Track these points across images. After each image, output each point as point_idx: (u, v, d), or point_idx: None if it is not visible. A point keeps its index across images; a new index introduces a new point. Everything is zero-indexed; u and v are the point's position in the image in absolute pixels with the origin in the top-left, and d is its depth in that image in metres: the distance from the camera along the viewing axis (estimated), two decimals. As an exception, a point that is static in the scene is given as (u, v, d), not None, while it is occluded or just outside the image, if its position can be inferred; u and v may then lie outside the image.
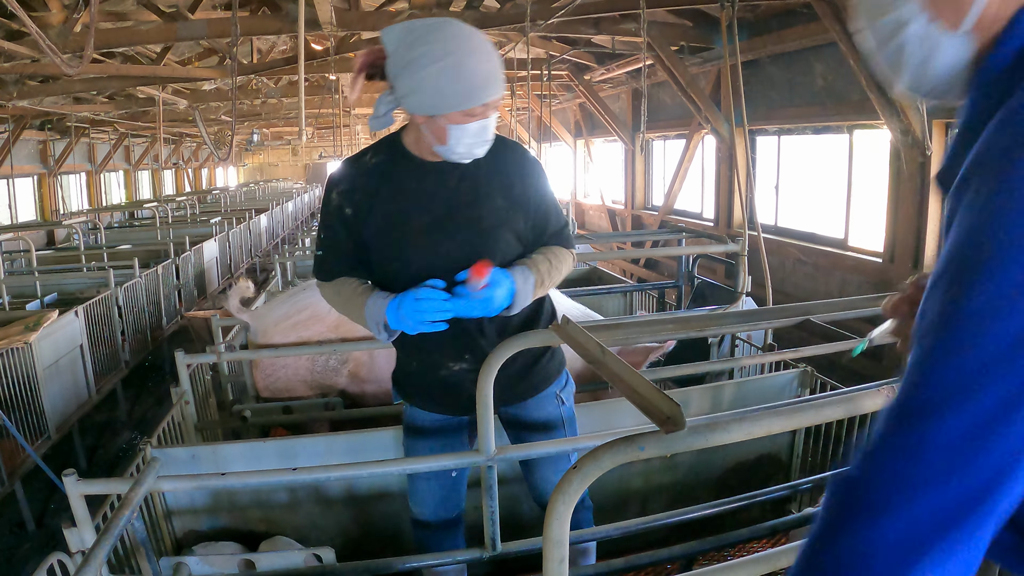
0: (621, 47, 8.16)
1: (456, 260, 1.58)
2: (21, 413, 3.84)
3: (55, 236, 11.52)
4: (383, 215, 1.62)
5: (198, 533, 2.29)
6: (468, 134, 1.51)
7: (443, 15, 5.91)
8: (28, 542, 3.63)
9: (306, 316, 3.15)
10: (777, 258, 6.69)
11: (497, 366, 1.56)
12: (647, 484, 2.58)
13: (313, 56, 7.15)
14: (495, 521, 1.81)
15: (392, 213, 1.62)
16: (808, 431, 2.72)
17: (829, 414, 1.21)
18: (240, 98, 9.44)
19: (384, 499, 2.35)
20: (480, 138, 1.54)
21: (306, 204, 18.38)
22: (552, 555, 0.97)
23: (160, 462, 1.66)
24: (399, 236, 1.62)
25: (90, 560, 1.32)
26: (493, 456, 1.73)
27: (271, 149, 25.10)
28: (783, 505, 2.66)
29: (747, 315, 2.01)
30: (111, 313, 5.28)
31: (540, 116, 9.90)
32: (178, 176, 20.72)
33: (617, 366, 1.17)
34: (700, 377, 3.20)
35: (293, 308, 3.18)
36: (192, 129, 13.89)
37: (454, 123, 1.49)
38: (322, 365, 3.12)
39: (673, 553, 1.91)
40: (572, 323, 1.42)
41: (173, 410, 2.57)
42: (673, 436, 0.95)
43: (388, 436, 2.27)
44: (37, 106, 8.30)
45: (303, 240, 7.02)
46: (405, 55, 1.45)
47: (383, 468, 1.78)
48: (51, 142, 12.30)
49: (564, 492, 0.95)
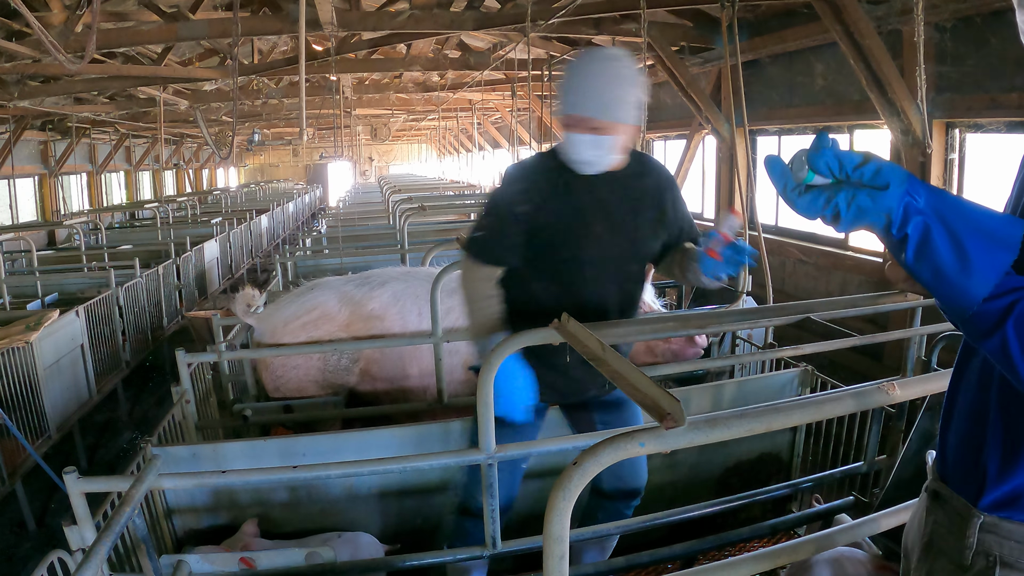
0: (621, 47, 8.15)
1: (615, 258, 1.88)
2: (22, 412, 3.84)
3: (56, 236, 11.52)
4: (557, 215, 1.85)
5: (198, 532, 2.29)
6: (583, 145, 1.75)
7: (443, 14, 5.92)
8: (29, 541, 3.63)
9: (316, 316, 3.14)
10: (778, 258, 6.68)
11: (498, 363, 1.57)
12: (647, 483, 2.58)
13: (314, 56, 7.15)
14: (495, 519, 1.81)
15: (568, 213, 1.85)
16: (808, 430, 2.72)
17: (830, 411, 1.21)
18: (241, 98, 9.44)
19: (385, 498, 2.35)
20: (594, 153, 1.76)
21: (307, 205, 18.38)
22: (552, 551, 0.97)
23: (161, 460, 1.66)
24: (574, 235, 1.85)
25: (90, 558, 1.32)
26: (493, 454, 1.73)
27: (272, 150, 25.11)
28: (784, 504, 2.66)
29: (747, 313, 2.01)
30: (112, 313, 5.28)
31: (541, 116, 9.89)
32: (179, 177, 20.71)
33: (618, 363, 1.17)
34: (701, 376, 3.20)
35: (302, 308, 3.16)
36: (193, 130, 13.90)
37: (570, 131, 1.75)
38: (334, 365, 3.11)
39: (674, 552, 1.91)
40: (572, 320, 1.41)
41: (174, 409, 2.57)
42: (673, 432, 0.95)
43: (390, 434, 2.27)
44: (38, 106, 8.29)
45: (304, 240, 7.02)
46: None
47: (383, 466, 1.78)
48: (52, 142, 12.29)
49: (563, 488, 0.95)
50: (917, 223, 0.82)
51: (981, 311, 0.82)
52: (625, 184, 1.88)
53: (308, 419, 3.07)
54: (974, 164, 4.84)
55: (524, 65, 6.94)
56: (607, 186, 1.86)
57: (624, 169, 1.88)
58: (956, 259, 0.81)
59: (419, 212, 5.94)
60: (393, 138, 21.23)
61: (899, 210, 0.82)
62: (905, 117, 4.82)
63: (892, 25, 4.73)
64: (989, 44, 4.26)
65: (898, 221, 0.83)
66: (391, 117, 16.18)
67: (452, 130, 20.47)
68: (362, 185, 18.49)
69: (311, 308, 3.16)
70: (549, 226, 1.85)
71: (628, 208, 1.88)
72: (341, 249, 5.76)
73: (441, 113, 14.17)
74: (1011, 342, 0.80)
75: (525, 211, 1.86)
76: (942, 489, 1.05)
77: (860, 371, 5.08)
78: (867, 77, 4.79)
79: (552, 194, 1.85)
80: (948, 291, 0.82)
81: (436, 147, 24.44)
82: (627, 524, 1.99)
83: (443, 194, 10.22)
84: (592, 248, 1.86)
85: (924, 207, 0.82)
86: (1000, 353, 0.82)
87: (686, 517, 1.99)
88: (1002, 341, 0.81)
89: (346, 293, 3.20)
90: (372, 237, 6.81)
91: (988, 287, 0.80)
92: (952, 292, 0.82)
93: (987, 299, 0.81)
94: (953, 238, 0.81)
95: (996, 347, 0.82)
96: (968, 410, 1.02)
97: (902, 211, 0.82)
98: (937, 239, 0.81)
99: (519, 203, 1.87)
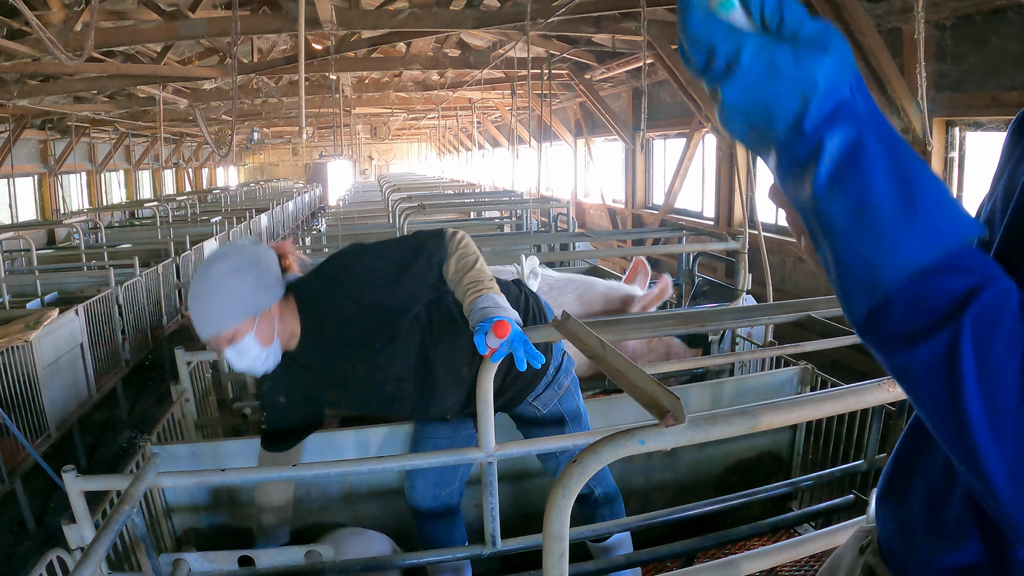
0: (621, 46, 8.15)
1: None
2: (21, 411, 3.84)
3: (55, 235, 11.51)
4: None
5: (198, 530, 2.29)
6: (232, 362, 1.64)
7: (442, 13, 5.91)
8: (28, 540, 3.63)
9: None
10: (778, 256, 6.68)
11: (498, 362, 1.57)
12: (648, 482, 2.58)
13: (313, 55, 7.15)
14: (495, 518, 1.80)
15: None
16: (809, 428, 2.72)
17: (830, 409, 1.20)
18: (240, 97, 9.43)
19: (385, 497, 2.35)
20: (243, 361, 1.63)
21: (306, 203, 18.36)
22: (552, 550, 0.97)
23: (160, 458, 1.65)
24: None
25: (89, 556, 1.31)
26: (493, 452, 1.73)
27: (271, 148, 25.08)
28: (784, 502, 2.66)
29: (747, 311, 2.01)
30: (111, 312, 5.27)
31: (540, 115, 9.89)
32: (178, 176, 20.69)
33: (617, 360, 1.17)
34: (701, 375, 3.19)
35: None
36: (192, 129, 13.89)
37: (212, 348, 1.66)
38: None
39: (674, 550, 1.90)
40: (572, 318, 1.41)
41: (173, 407, 2.56)
42: (673, 429, 0.94)
43: (388, 433, 2.27)
44: (38, 105, 8.29)
45: (303, 239, 7.01)
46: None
47: (383, 464, 1.77)
48: (51, 141, 12.28)
49: (563, 486, 0.95)
50: (848, 131, 0.51)
51: (918, 289, 0.50)
52: (326, 335, 1.72)
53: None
54: (974, 163, 4.84)
55: (524, 64, 6.92)
56: (310, 354, 1.75)
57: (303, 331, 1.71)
58: (896, 196, 0.50)
59: (419, 211, 5.93)
60: (393, 137, 21.22)
61: (828, 98, 0.51)
62: (905, 115, 4.81)
63: (892, 23, 4.73)
64: (989, 42, 4.26)
65: (819, 113, 0.51)
66: (391, 116, 16.17)
67: (452, 129, 20.45)
68: (362, 184, 18.48)
69: None
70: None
71: (350, 342, 1.73)
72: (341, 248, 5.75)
73: (441, 112, 14.16)
74: (964, 352, 0.48)
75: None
76: (881, 571, 0.78)
77: (860, 369, 5.07)
78: (867, 75, 4.78)
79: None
80: (869, 244, 0.51)
81: (436, 146, 24.43)
82: (627, 522, 1.99)
83: (443, 193, 10.21)
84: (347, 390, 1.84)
85: (864, 114, 0.52)
86: (936, 372, 0.49)
87: (686, 515, 1.98)
88: (947, 350, 0.48)
89: None
90: (372, 236, 6.81)
91: (937, 250, 0.49)
92: (876, 246, 0.50)
93: (931, 271, 0.49)
94: (897, 168, 0.51)
95: (931, 360, 0.49)
96: (931, 472, 0.71)
97: (833, 103, 0.51)
98: (873, 160, 0.51)
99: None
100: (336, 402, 1.96)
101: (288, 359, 1.74)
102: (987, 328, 0.48)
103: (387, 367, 1.75)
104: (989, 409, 0.47)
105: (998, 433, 0.47)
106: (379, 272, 1.66)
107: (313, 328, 1.70)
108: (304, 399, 1.87)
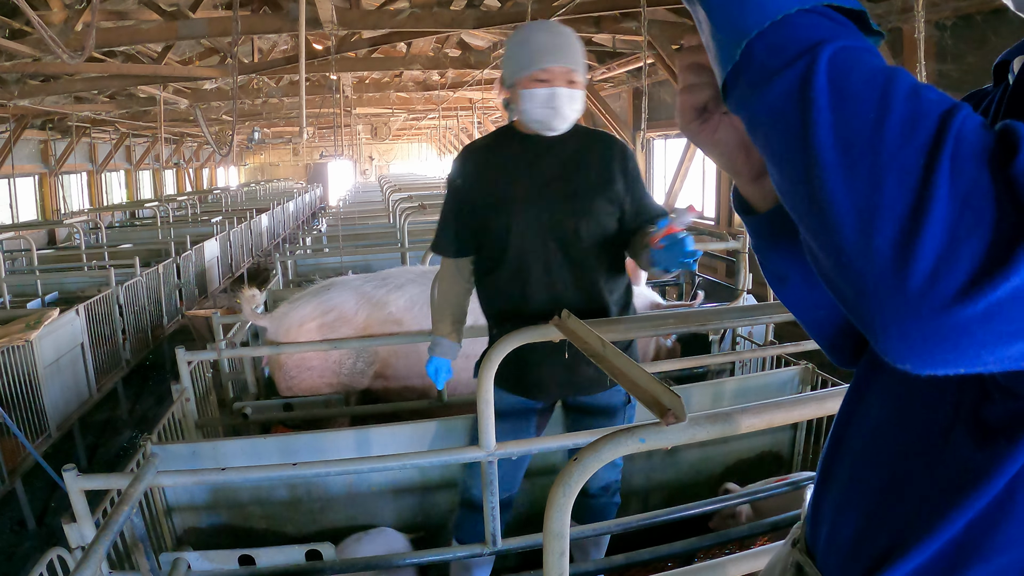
0: (622, 46, 8.15)
1: (549, 221, 1.79)
2: (22, 411, 3.84)
3: (56, 235, 11.52)
4: (488, 183, 1.86)
5: (198, 530, 2.29)
6: (538, 100, 1.73)
7: (443, 13, 5.92)
8: (29, 540, 3.63)
9: (332, 318, 3.09)
10: (778, 257, 6.68)
11: (498, 360, 1.57)
12: (648, 481, 2.58)
13: (314, 55, 7.15)
14: (496, 517, 1.80)
15: (496, 181, 1.85)
16: (809, 428, 2.72)
17: (831, 407, 1.20)
18: (241, 97, 9.44)
19: (385, 496, 2.35)
20: (550, 106, 1.73)
21: (307, 204, 18.36)
22: (552, 548, 0.97)
23: (160, 458, 1.66)
24: (500, 202, 1.83)
25: (90, 555, 1.31)
26: (493, 451, 1.73)
27: (272, 149, 25.08)
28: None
29: (748, 310, 2.00)
30: (112, 312, 5.28)
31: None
32: (179, 176, 20.71)
33: (618, 359, 1.17)
34: (701, 375, 3.20)
35: (317, 310, 3.11)
36: (193, 129, 13.89)
37: (525, 88, 1.73)
38: (349, 368, 3.08)
39: (673, 549, 1.90)
40: (572, 317, 1.41)
41: (173, 407, 2.57)
42: (674, 428, 0.94)
43: (390, 432, 2.27)
44: (38, 105, 8.29)
45: (304, 239, 7.02)
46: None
47: (383, 464, 1.77)
48: (52, 142, 12.29)
49: (564, 484, 0.95)
50: None
51: (780, 31, 0.48)
52: (563, 144, 1.84)
53: (308, 417, 3.07)
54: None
55: (524, 64, 6.93)
56: (534, 147, 1.84)
57: (566, 134, 1.84)
58: None
59: (419, 211, 5.93)
60: (393, 137, 21.23)
61: None
62: (906, 115, 4.81)
63: (892, 23, 4.73)
64: (989, 42, 4.25)
65: None
66: (391, 116, 16.17)
67: (452, 129, 20.45)
68: (362, 184, 18.49)
69: (327, 310, 3.10)
70: (483, 198, 1.86)
71: (560, 165, 1.82)
72: (341, 248, 5.76)
73: (441, 112, 14.15)
74: (818, 79, 0.45)
75: (461, 188, 1.91)
76: (809, 569, 0.76)
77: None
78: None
79: (484, 165, 1.88)
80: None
81: (436, 146, 24.43)
82: (627, 521, 1.99)
83: (443, 193, 10.20)
84: (520, 215, 1.80)
85: None
86: (789, 103, 0.46)
87: (686, 515, 1.98)
88: (801, 80, 0.46)
89: (364, 294, 3.15)
90: (372, 236, 6.81)
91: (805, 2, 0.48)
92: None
93: (795, 15, 0.48)
94: None
95: (784, 92, 0.47)
96: (858, 466, 0.69)
97: None
98: None
99: (456, 181, 1.93)
100: (493, 228, 1.86)
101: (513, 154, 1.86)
102: (845, 63, 0.46)
103: (559, 229, 1.81)
104: (840, 144, 0.44)
105: (849, 171, 0.44)
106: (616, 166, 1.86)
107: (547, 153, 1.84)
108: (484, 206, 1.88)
